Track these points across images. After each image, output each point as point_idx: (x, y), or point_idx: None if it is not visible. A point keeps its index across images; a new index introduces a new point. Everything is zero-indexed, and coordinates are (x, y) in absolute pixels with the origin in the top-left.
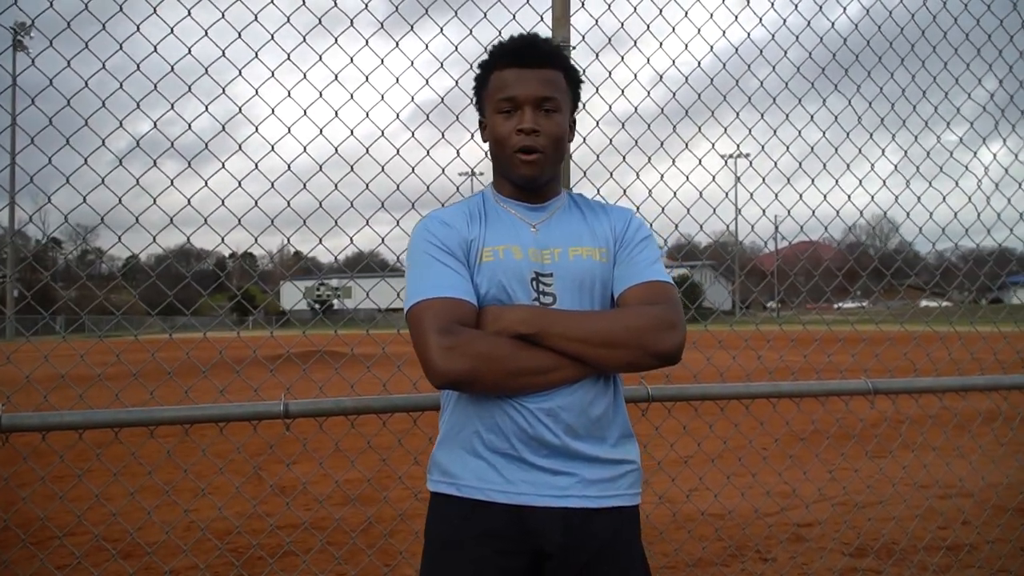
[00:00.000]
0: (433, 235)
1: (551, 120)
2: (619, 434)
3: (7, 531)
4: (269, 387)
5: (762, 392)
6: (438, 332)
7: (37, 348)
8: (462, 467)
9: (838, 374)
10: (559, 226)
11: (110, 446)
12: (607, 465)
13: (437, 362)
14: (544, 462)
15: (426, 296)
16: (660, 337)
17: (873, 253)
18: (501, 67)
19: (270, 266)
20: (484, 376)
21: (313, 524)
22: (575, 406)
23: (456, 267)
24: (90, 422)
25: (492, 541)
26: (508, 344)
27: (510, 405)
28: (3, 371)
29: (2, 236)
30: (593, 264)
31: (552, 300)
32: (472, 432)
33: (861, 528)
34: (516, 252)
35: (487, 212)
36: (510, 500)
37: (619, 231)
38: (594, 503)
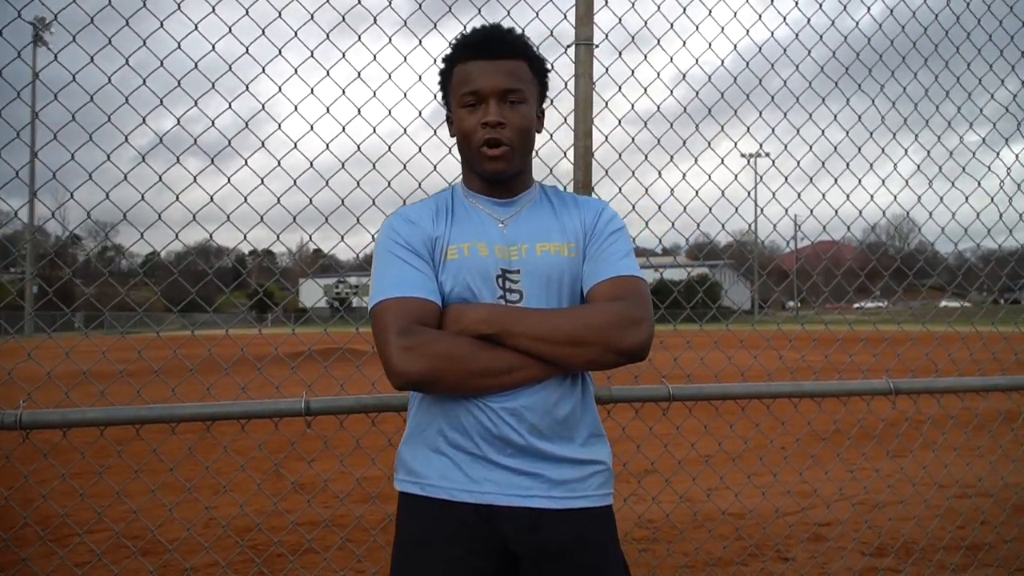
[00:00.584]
0: (397, 233)
1: (517, 112)
2: (587, 434)
3: (26, 528)
4: (290, 384)
5: (783, 392)
6: (398, 332)
7: (58, 344)
8: (426, 465)
9: (860, 374)
10: (528, 221)
11: (131, 443)
12: (574, 465)
13: (396, 363)
14: (509, 461)
15: (388, 295)
16: (624, 334)
17: (894, 253)
18: (464, 59)
19: (289, 264)
20: (444, 377)
21: (333, 521)
22: (539, 406)
23: (419, 266)
24: (112, 419)
25: (460, 541)
26: (469, 344)
27: (474, 404)
28: (24, 368)
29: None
30: (561, 260)
31: (519, 297)
32: (436, 431)
33: (881, 528)
34: (482, 249)
35: (455, 208)
36: (475, 499)
37: (589, 224)
38: (560, 504)
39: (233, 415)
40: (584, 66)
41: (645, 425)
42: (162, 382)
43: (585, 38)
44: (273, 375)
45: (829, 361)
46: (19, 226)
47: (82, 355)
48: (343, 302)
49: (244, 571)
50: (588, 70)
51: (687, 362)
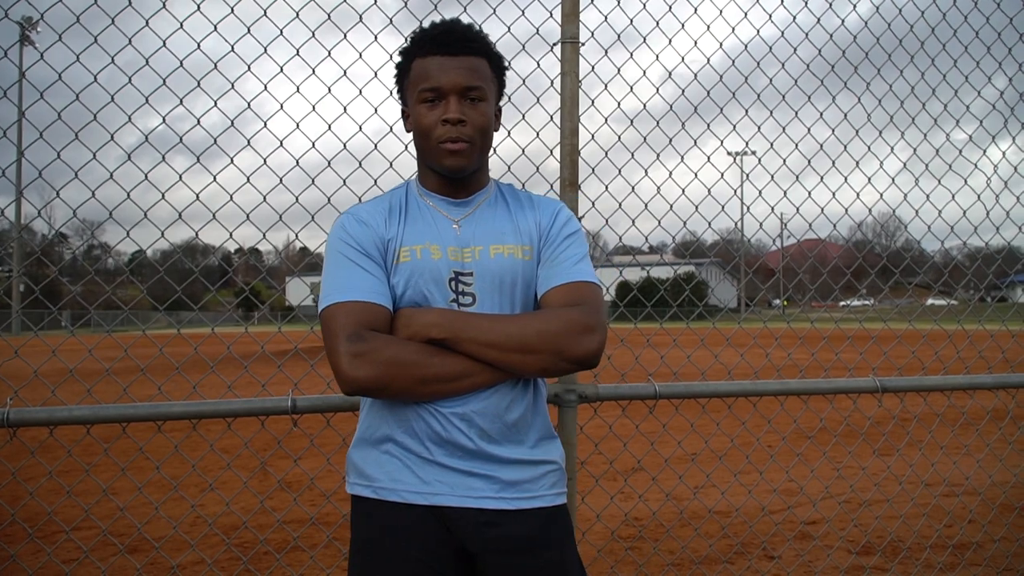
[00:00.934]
0: (349, 234)
1: (477, 109)
2: (538, 436)
3: (14, 525)
4: (276, 383)
5: (770, 390)
6: (347, 338)
7: (45, 342)
8: (377, 468)
9: (846, 372)
10: (482, 222)
11: (118, 441)
12: (525, 466)
13: (345, 369)
14: (459, 464)
15: (337, 299)
16: (575, 341)
17: (880, 251)
18: (423, 54)
19: (276, 262)
20: (393, 383)
21: (320, 519)
22: (490, 411)
23: (371, 268)
24: (98, 417)
25: (414, 542)
26: (418, 350)
27: (424, 409)
28: (10, 366)
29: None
30: (515, 262)
31: (472, 300)
32: (386, 434)
33: (868, 526)
34: (435, 251)
35: (408, 207)
36: (426, 501)
37: (544, 226)
38: (512, 504)
39: (220, 414)
40: (570, 64)
41: (632, 423)
42: (148, 380)
43: (571, 36)
44: (259, 373)
45: (816, 359)
46: (6, 225)
47: (69, 353)
48: None
49: (231, 569)
50: (574, 68)
51: (674, 360)
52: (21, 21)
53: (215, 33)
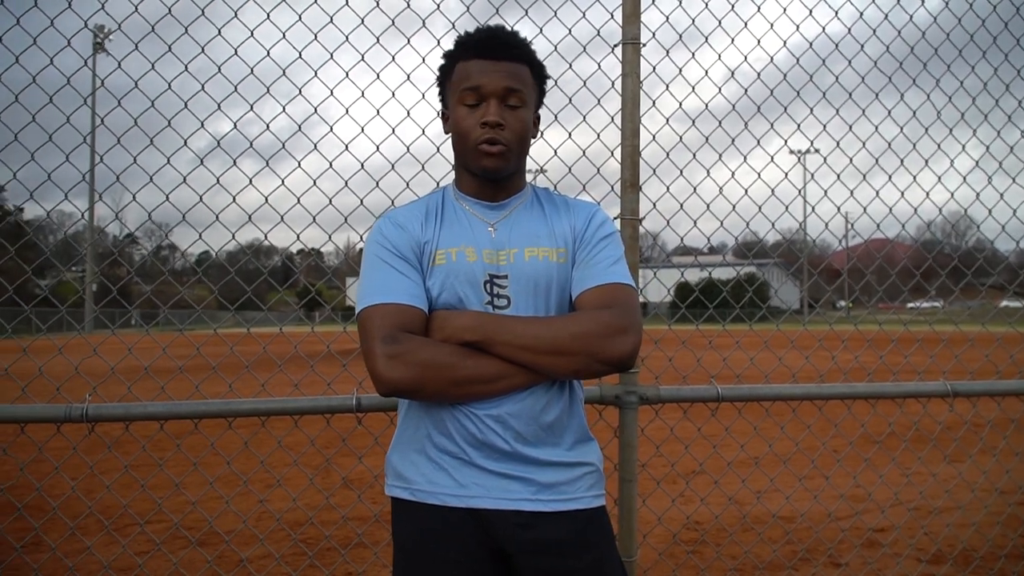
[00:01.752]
0: (385, 238)
1: (516, 115)
2: (575, 439)
3: (89, 518)
4: (341, 381)
5: (836, 393)
6: (383, 339)
7: (121, 340)
8: (414, 471)
9: (915, 375)
10: (517, 225)
11: (190, 436)
12: (562, 468)
13: (381, 370)
14: (496, 466)
15: (373, 301)
16: (609, 343)
17: (950, 251)
18: (467, 58)
19: (338, 263)
20: (428, 385)
21: (383, 517)
22: (525, 413)
23: (406, 271)
24: (172, 413)
25: (453, 544)
26: (453, 352)
27: (459, 410)
28: (86, 363)
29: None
30: (549, 265)
31: (507, 303)
32: (424, 436)
33: (938, 534)
34: (470, 254)
35: (444, 211)
36: (463, 503)
37: (579, 229)
38: (549, 506)
39: (287, 411)
40: (631, 65)
41: (694, 425)
42: (219, 378)
43: (632, 37)
44: (325, 372)
45: (883, 362)
46: (80, 227)
47: (142, 351)
48: None
49: (296, 563)
50: (635, 69)
51: (736, 362)
52: (94, 29)
53: (283, 40)
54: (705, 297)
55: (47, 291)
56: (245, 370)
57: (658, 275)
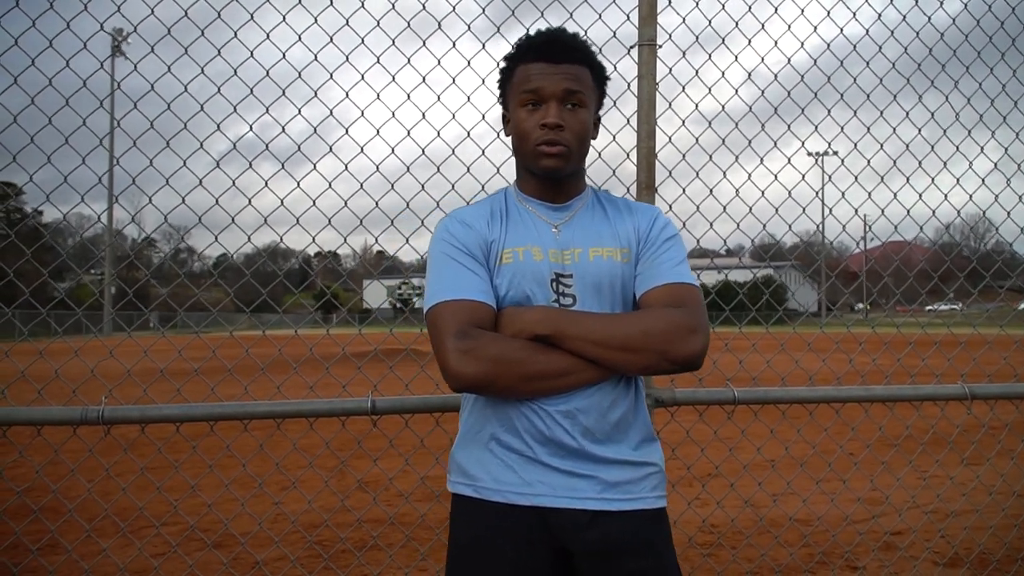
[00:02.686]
0: (453, 236)
1: (576, 116)
2: (640, 437)
3: (106, 520)
4: (356, 384)
5: (853, 396)
6: (455, 335)
7: (137, 343)
8: (480, 468)
9: (933, 378)
10: (581, 226)
11: (205, 438)
12: (628, 467)
13: (453, 365)
14: (561, 464)
15: (444, 298)
16: (679, 342)
17: (969, 253)
18: (527, 60)
19: (354, 265)
20: (500, 379)
21: (398, 519)
22: (593, 409)
23: (475, 268)
24: (188, 415)
25: (515, 541)
26: (524, 347)
27: (527, 407)
28: (103, 365)
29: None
30: (614, 265)
31: (572, 302)
32: (489, 432)
33: (955, 537)
34: (536, 253)
35: (508, 211)
36: (528, 501)
37: (643, 230)
38: (614, 506)
39: (303, 413)
40: (647, 67)
41: (710, 428)
42: (235, 380)
43: (648, 39)
44: (340, 375)
45: (901, 365)
46: (99, 230)
47: (158, 353)
48: (406, 303)
49: (311, 566)
50: (651, 71)
51: (753, 365)
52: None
53: (299, 43)
54: (721, 299)
55: (63, 294)
56: (260, 372)
57: None
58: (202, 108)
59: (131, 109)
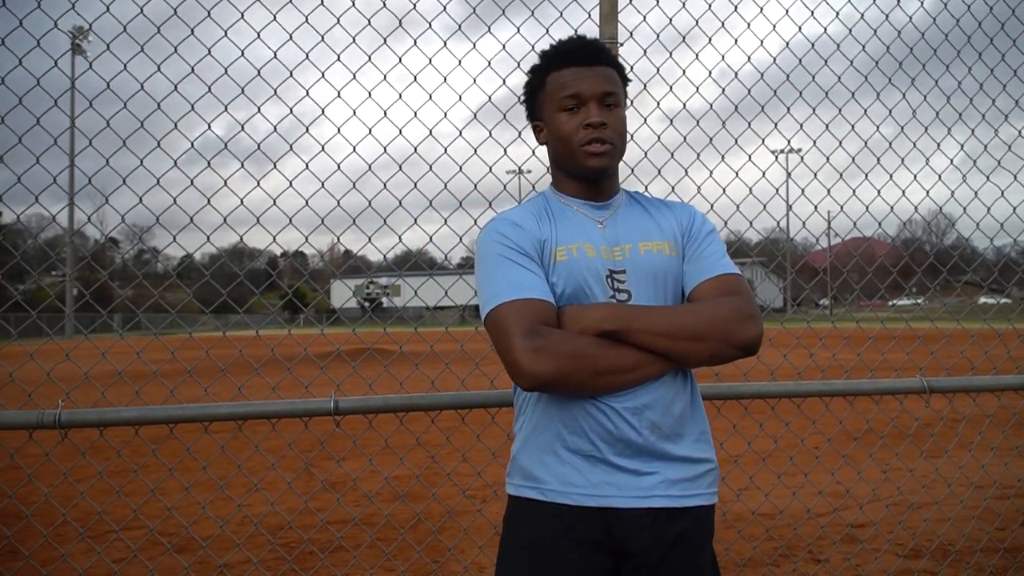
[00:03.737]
0: (506, 236)
1: (614, 114)
2: (699, 431)
3: (65, 525)
4: (319, 384)
5: (814, 391)
6: (524, 334)
7: (95, 345)
8: (544, 470)
9: (892, 372)
10: (626, 222)
11: (166, 441)
12: (688, 464)
13: (525, 364)
14: (627, 463)
15: (506, 298)
16: (741, 328)
17: (928, 249)
18: (558, 67)
19: (320, 265)
20: (572, 376)
21: (363, 520)
22: (659, 403)
23: (532, 267)
24: (146, 418)
25: (578, 544)
26: (593, 343)
27: (592, 405)
28: (62, 368)
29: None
30: (664, 258)
31: (628, 296)
32: (554, 434)
33: (916, 529)
34: (589, 250)
35: (553, 212)
36: (595, 503)
37: (686, 225)
38: (678, 502)
39: (265, 414)
40: None
41: None
42: (195, 382)
43: (610, 36)
44: (303, 375)
45: (861, 360)
46: (59, 230)
47: (118, 356)
48: (373, 302)
49: (276, 568)
50: None
51: None
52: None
53: (259, 41)
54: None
55: (18, 295)
56: (221, 373)
57: None
58: (159, 106)
59: (86, 108)
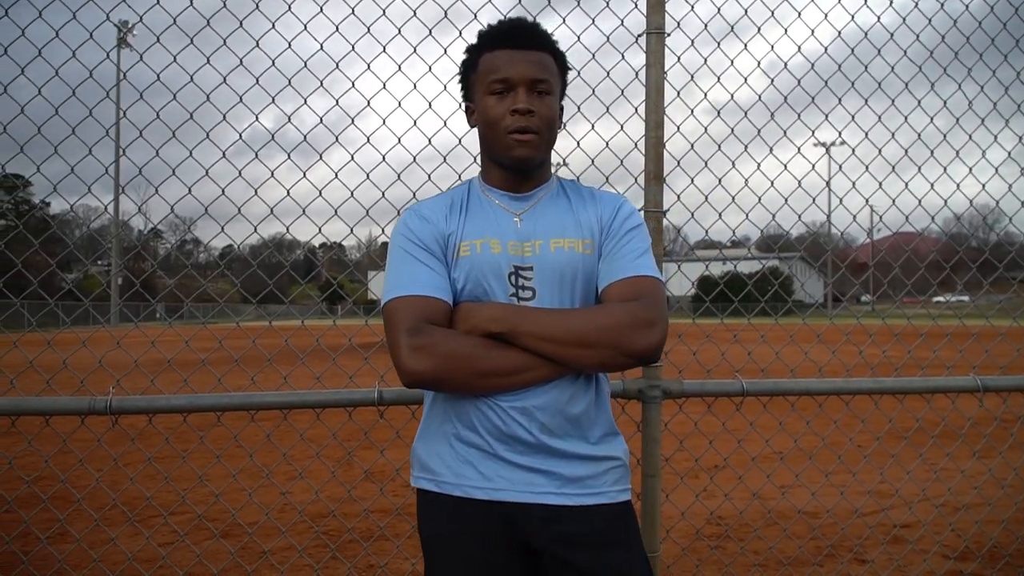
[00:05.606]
0: (410, 230)
1: (544, 102)
2: (602, 432)
3: (114, 509)
4: (363, 375)
5: (863, 388)
6: (407, 332)
7: (144, 333)
8: (440, 462)
9: (944, 370)
10: (543, 216)
11: (212, 429)
12: (588, 462)
13: (405, 362)
14: (520, 459)
15: (399, 293)
16: (635, 336)
17: (979, 244)
18: (492, 48)
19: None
20: (452, 376)
21: (404, 510)
22: (550, 405)
23: (431, 263)
24: (195, 406)
25: (477, 537)
26: (477, 344)
27: (484, 403)
28: (112, 356)
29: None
30: (575, 256)
31: (532, 295)
32: (448, 428)
33: (966, 531)
34: (494, 246)
35: (470, 203)
36: (488, 496)
37: (606, 220)
38: (574, 500)
39: (310, 404)
40: (655, 55)
41: (718, 420)
42: (242, 371)
43: (656, 26)
44: (346, 365)
45: (912, 357)
46: (105, 221)
47: (165, 344)
48: None
49: (318, 556)
50: (659, 59)
51: (761, 356)
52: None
53: (305, 33)
54: (728, 291)
55: (71, 284)
56: (267, 363)
57: (681, 268)
58: (207, 98)
59: (136, 100)
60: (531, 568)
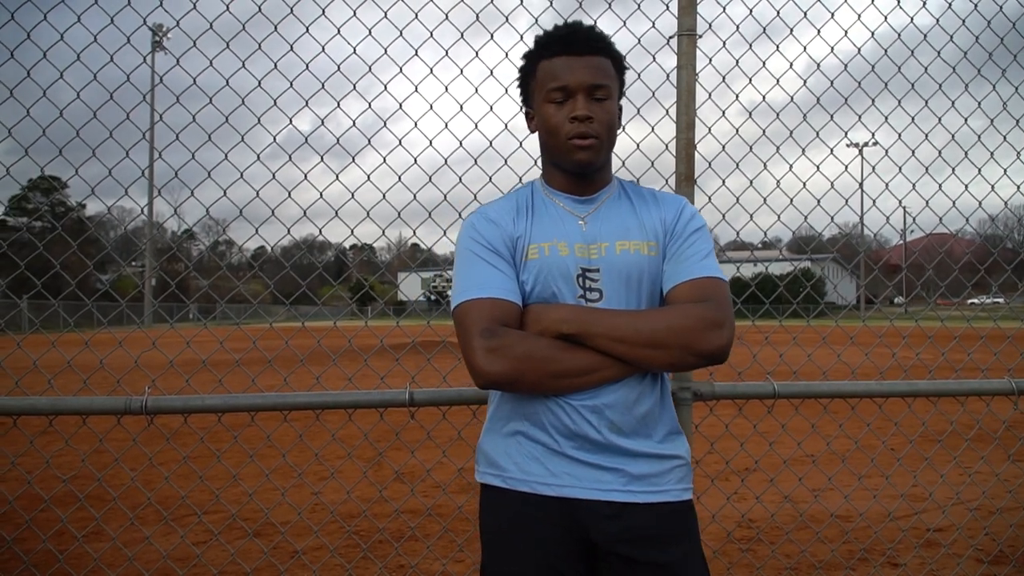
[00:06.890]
0: (479, 233)
1: (603, 107)
2: (666, 431)
3: (148, 508)
4: (394, 376)
5: (897, 391)
6: (480, 334)
7: (179, 334)
8: (507, 459)
9: (979, 373)
10: (607, 218)
11: (246, 429)
12: (653, 460)
13: (480, 364)
14: (588, 457)
15: (470, 296)
16: (705, 337)
17: (1014, 246)
18: (549, 56)
19: (389, 258)
20: (526, 377)
21: (435, 511)
22: (620, 404)
23: (501, 266)
24: (229, 406)
25: (541, 532)
26: (550, 345)
27: (553, 401)
28: (147, 356)
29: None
30: (640, 258)
31: (599, 296)
32: (516, 425)
33: (1001, 535)
34: (562, 248)
35: (535, 206)
36: (555, 492)
37: (669, 222)
38: (640, 498)
39: (342, 404)
40: (687, 57)
41: (749, 422)
42: (274, 371)
43: (688, 28)
44: (378, 367)
45: (946, 359)
46: (139, 223)
47: (200, 344)
48: (441, 295)
49: (350, 556)
50: (691, 61)
51: (793, 358)
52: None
53: (338, 37)
54: (760, 292)
55: (107, 285)
56: (300, 364)
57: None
58: (243, 102)
59: (173, 103)
60: (589, 566)
